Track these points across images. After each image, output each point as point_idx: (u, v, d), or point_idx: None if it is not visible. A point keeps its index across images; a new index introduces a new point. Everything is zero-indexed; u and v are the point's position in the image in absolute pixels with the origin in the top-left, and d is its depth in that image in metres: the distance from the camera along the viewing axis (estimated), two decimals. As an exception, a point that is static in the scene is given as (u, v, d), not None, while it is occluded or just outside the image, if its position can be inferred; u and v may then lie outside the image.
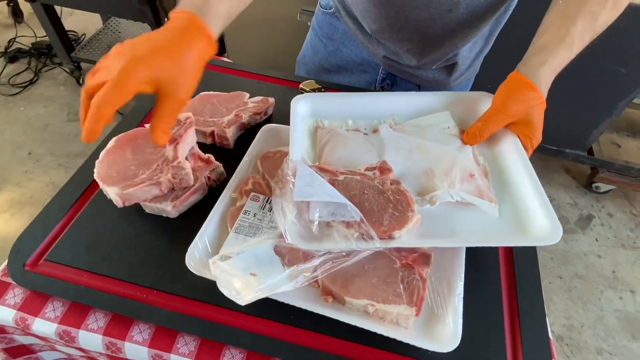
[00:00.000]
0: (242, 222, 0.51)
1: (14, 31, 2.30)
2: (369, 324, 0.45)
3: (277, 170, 0.58)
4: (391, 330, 0.45)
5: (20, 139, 1.86)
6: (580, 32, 0.54)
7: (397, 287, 0.47)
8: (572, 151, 1.69)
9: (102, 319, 0.48)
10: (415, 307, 0.45)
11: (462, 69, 0.80)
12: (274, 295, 0.45)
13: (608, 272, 1.59)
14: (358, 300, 0.46)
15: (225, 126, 0.63)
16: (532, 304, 0.50)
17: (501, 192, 0.53)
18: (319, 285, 0.48)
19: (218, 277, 0.45)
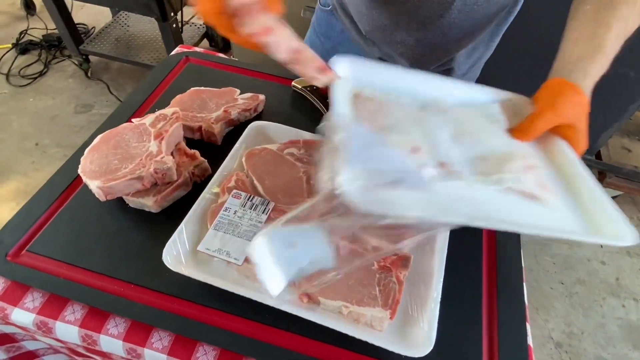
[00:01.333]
0: (222, 219, 0.51)
1: (25, 23, 2.34)
2: (342, 326, 0.44)
3: (262, 167, 0.57)
4: (364, 333, 0.44)
5: (28, 130, 1.89)
6: (614, 39, 0.51)
7: (373, 289, 0.46)
8: (579, 155, 1.65)
9: (79, 311, 0.48)
10: (390, 310, 0.45)
11: (458, 74, 0.79)
12: (248, 293, 0.45)
13: (612, 279, 1.56)
14: (332, 302, 0.45)
15: (213, 122, 0.63)
16: (513, 311, 0.49)
17: (564, 190, 0.47)
18: (295, 284, 0.48)
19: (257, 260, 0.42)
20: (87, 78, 2.13)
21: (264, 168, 0.58)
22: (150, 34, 2.13)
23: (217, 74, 0.77)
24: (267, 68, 0.79)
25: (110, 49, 2.02)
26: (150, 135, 0.57)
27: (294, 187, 0.56)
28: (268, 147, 0.60)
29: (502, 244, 0.55)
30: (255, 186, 0.56)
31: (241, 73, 0.78)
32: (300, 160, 0.59)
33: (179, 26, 1.87)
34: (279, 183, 0.56)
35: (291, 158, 0.59)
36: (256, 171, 0.57)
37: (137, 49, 2.04)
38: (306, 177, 0.57)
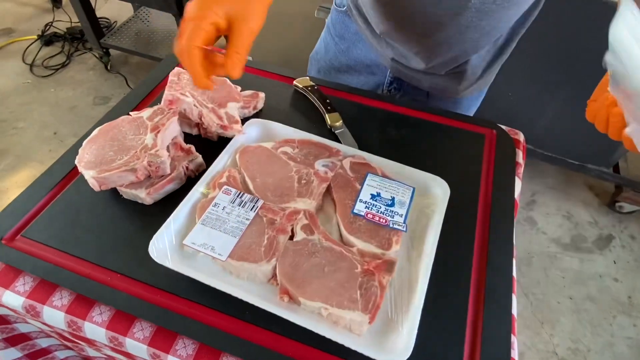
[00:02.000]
0: (210, 215, 0.52)
1: (52, 15, 2.41)
2: (320, 328, 0.44)
3: (255, 165, 0.58)
4: (342, 336, 0.44)
5: (47, 119, 1.95)
6: None
7: (354, 292, 0.46)
8: (595, 167, 1.61)
9: (66, 297, 0.49)
10: (370, 315, 0.44)
11: (472, 78, 0.78)
12: (230, 290, 0.46)
13: (624, 297, 1.51)
14: (312, 302, 0.45)
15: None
16: (499, 323, 0.48)
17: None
18: (277, 283, 0.48)
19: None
20: (107, 71, 2.19)
21: (257, 165, 0.58)
22: (169, 30, 2.16)
23: (221, 71, 0.77)
24: (271, 67, 0.79)
25: (130, 44, 2.07)
26: (147, 128, 0.58)
27: (285, 186, 0.56)
28: (263, 145, 0.60)
29: (493, 253, 0.54)
30: (247, 183, 0.56)
31: (244, 70, 0.78)
32: (293, 159, 0.59)
33: (197, 23, 1.89)
34: (270, 181, 0.56)
35: (284, 157, 0.59)
36: (249, 168, 0.57)
37: (155, 44, 2.08)
38: (297, 176, 0.57)
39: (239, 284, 0.48)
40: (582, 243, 1.65)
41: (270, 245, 0.49)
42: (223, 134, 0.62)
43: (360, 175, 0.58)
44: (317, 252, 0.49)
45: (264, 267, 0.47)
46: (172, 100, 0.61)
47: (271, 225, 0.51)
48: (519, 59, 1.40)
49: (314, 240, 0.50)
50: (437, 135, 0.70)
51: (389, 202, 0.55)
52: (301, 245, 0.49)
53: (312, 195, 0.54)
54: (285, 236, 0.50)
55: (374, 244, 0.51)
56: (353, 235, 0.51)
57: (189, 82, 0.65)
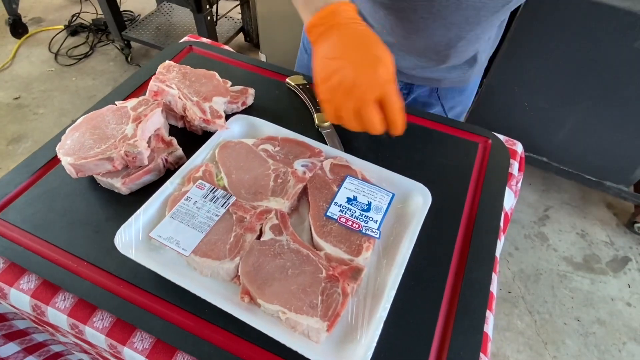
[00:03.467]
0: (180, 208, 0.51)
1: (79, 7, 2.49)
2: (277, 333, 0.42)
3: (233, 161, 0.57)
4: (298, 343, 0.42)
5: (67, 107, 2.01)
6: None
7: (315, 298, 0.44)
8: (613, 184, 1.53)
9: (33, 281, 0.50)
10: (328, 322, 0.43)
11: (481, 60, 0.76)
12: (190, 286, 0.45)
13: (636, 323, 1.43)
14: (271, 305, 0.44)
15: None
16: (468, 343, 0.46)
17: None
18: (240, 283, 0.47)
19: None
20: (127, 63, 2.23)
21: (235, 162, 0.57)
22: (189, 25, 2.19)
23: (215, 65, 0.77)
24: (267, 64, 0.78)
25: (150, 37, 2.11)
26: (129, 118, 0.58)
27: (260, 184, 0.55)
28: (244, 141, 0.59)
29: (471, 267, 0.51)
30: (222, 178, 0.55)
31: (238, 66, 0.78)
32: (272, 157, 0.58)
33: (214, 19, 1.91)
34: (245, 178, 0.55)
35: (264, 154, 0.58)
36: (225, 164, 0.56)
37: (175, 38, 2.12)
38: (274, 175, 0.55)
39: (202, 282, 0.47)
40: (595, 263, 1.57)
41: (236, 244, 0.48)
42: (206, 128, 0.62)
43: (340, 178, 0.56)
44: (283, 253, 0.48)
45: (226, 265, 0.46)
46: (157, 91, 0.61)
47: (240, 223, 0.50)
48: (538, 69, 1.35)
49: (282, 241, 0.49)
50: (429, 141, 0.67)
51: (365, 207, 0.53)
52: (267, 246, 0.48)
53: (287, 195, 0.53)
54: (252, 235, 0.49)
55: (343, 249, 0.49)
56: (323, 238, 0.50)
57: (177, 75, 0.65)
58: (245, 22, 2.24)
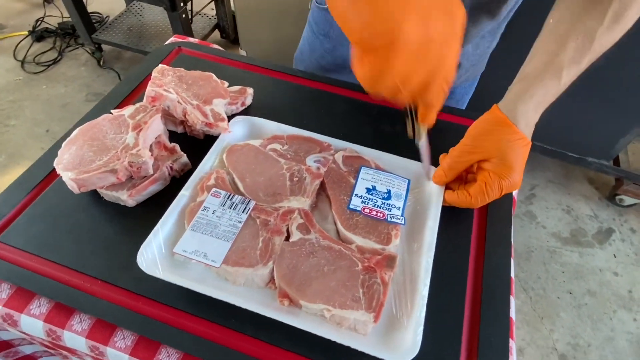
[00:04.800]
0: (200, 220, 0.49)
1: (42, 11, 2.37)
2: (324, 331, 0.42)
3: (243, 164, 0.55)
4: (348, 338, 0.42)
5: (39, 117, 1.92)
6: (571, 57, 0.47)
7: (357, 291, 0.44)
8: (595, 160, 1.58)
9: (45, 305, 0.47)
10: (374, 313, 0.42)
11: (466, 66, 0.75)
12: (227, 297, 0.43)
13: (624, 291, 1.49)
14: (314, 305, 0.43)
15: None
16: (496, 325, 0.46)
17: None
18: (276, 287, 0.46)
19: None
20: (99, 67, 2.15)
21: (246, 165, 0.55)
22: (162, 24, 2.13)
23: (209, 65, 0.74)
24: (260, 62, 0.76)
25: (122, 38, 2.03)
26: (129, 127, 0.55)
27: (276, 185, 0.53)
28: (250, 143, 0.58)
29: (491, 252, 0.52)
30: (236, 184, 0.54)
31: (232, 65, 0.76)
32: (283, 156, 0.57)
33: (189, 16, 1.86)
34: (260, 181, 0.54)
35: (274, 154, 0.57)
36: (237, 168, 0.55)
37: (148, 38, 2.05)
38: (289, 174, 0.54)
39: (236, 291, 0.46)
40: (582, 237, 1.63)
41: (265, 248, 0.47)
42: (209, 132, 0.60)
43: (354, 169, 0.56)
44: (315, 251, 0.47)
45: (260, 272, 0.45)
46: (155, 96, 0.58)
47: (265, 226, 0.49)
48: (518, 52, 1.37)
49: (311, 240, 0.48)
50: (433, 130, 0.67)
51: (385, 195, 0.53)
52: (298, 246, 0.47)
53: (306, 193, 0.52)
54: (280, 237, 0.48)
55: (373, 240, 0.49)
56: (351, 231, 0.49)
57: (173, 79, 0.62)
58: (221, 18, 2.18)
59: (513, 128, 0.48)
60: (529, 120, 0.49)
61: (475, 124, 0.52)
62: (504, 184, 0.49)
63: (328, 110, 0.68)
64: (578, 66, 0.47)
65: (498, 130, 0.49)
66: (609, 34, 0.46)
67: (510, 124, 0.48)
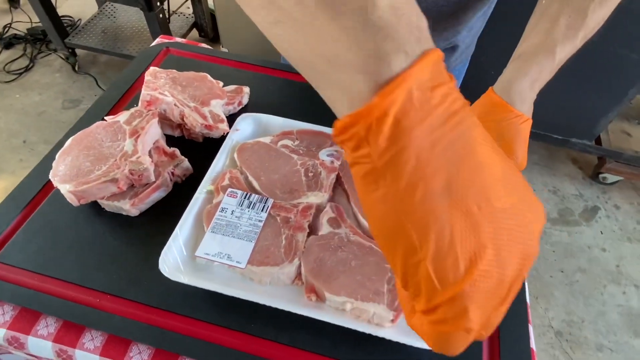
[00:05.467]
0: (219, 221, 0.48)
1: (9, 16, 2.27)
2: (349, 322, 0.42)
3: (256, 162, 0.54)
4: (374, 328, 0.42)
5: (15, 127, 1.85)
6: (564, 33, 0.46)
7: (381, 286, 0.44)
8: (578, 140, 1.62)
9: (52, 325, 0.45)
10: (395, 313, 0.42)
11: (462, 48, 0.75)
12: (254, 297, 0.43)
13: (612, 266, 1.54)
14: (337, 297, 0.43)
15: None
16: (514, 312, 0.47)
17: None
18: (302, 282, 0.46)
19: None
20: (75, 72, 2.08)
21: (259, 163, 0.55)
22: (137, 25, 2.07)
23: (200, 65, 0.72)
24: (252, 59, 0.75)
25: (97, 42, 1.97)
26: (125, 134, 0.53)
27: (292, 181, 0.53)
28: (261, 140, 0.57)
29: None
30: (251, 182, 0.53)
31: (224, 64, 0.74)
32: (295, 152, 0.56)
33: (166, 16, 1.81)
34: (275, 178, 0.53)
35: (286, 150, 0.56)
36: (250, 167, 0.54)
37: (124, 40, 1.99)
38: (304, 169, 0.54)
39: (262, 290, 0.45)
40: (569, 216, 1.67)
41: (289, 245, 0.46)
42: (208, 134, 0.58)
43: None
44: (344, 246, 0.47)
45: (287, 269, 0.45)
46: (151, 100, 0.56)
47: (286, 223, 0.48)
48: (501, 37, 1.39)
49: (341, 234, 0.48)
50: None
51: None
52: (326, 240, 0.47)
53: (323, 188, 0.52)
54: (303, 233, 0.48)
55: None
56: None
57: (167, 81, 0.60)
58: (198, 16, 2.14)
59: (507, 107, 0.47)
60: (525, 98, 0.48)
61: (471, 108, 0.52)
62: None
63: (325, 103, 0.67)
64: (572, 42, 0.47)
65: (493, 111, 0.48)
66: (601, 9, 0.46)
67: (504, 103, 0.48)
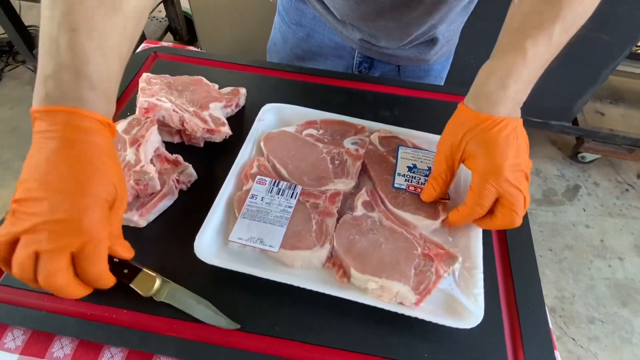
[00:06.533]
0: (250, 207, 0.49)
1: (-30, 29, 2.16)
2: (375, 302, 0.43)
3: (282, 151, 0.55)
4: (404, 308, 0.43)
5: (-14, 145, 1.77)
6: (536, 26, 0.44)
7: (408, 270, 0.45)
8: (557, 122, 1.67)
9: (68, 345, 0.43)
10: (418, 296, 0.43)
11: (442, 42, 0.76)
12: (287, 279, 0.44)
13: (596, 241, 1.60)
14: (362, 275, 0.44)
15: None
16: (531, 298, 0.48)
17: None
18: (333, 265, 0.47)
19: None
20: (46, 84, 2.00)
21: (285, 151, 0.55)
22: (109, 32, 2.00)
23: (190, 69, 0.71)
24: (243, 59, 0.74)
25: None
26: (125, 143, 0.52)
27: (319, 169, 0.54)
28: (286, 130, 0.58)
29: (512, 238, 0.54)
30: (279, 170, 0.54)
31: (215, 66, 0.72)
32: (320, 141, 0.57)
33: (140, 21, 1.76)
34: (302, 165, 0.54)
35: (311, 139, 0.57)
36: (277, 155, 0.55)
37: (96, 48, 1.92)
38: (329, 157, 0.55)
39: (296, 273, 0.46)
40: (553, 196, 1.73)
41: (320, 230, 0.47)
42: (210, 138, 0.57)
43: (392, 149, 0.57)
44: (376, 229, 0.48)
45: (319, 253, 0.46)
46: (149, 107, 0.55)
47: (315, 209, 0.49)
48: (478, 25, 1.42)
49: (374, 218, 0.49)
50: (413, 107, 0.68)
51: (427, 173, 0.54)
52: (360, 221, 0.49)
53: (349, 175, 0.53)
54: (332, 219, 0.48)
55: (422, 215, 0.50)
56: (399, 209, 0.50)
57: (162, 87, 0.59)
58: (172, 19, 2.09)
59: (476, 115, 0.43)
60: (495, 99, 0.43)
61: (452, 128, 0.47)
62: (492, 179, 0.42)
63: (323, 100, 0.67)
64: (546, 34, 0.43)
65: (467, 124, 0.44)
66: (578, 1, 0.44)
67: (472, 112, 0.44)
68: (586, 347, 1.34)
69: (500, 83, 0.44)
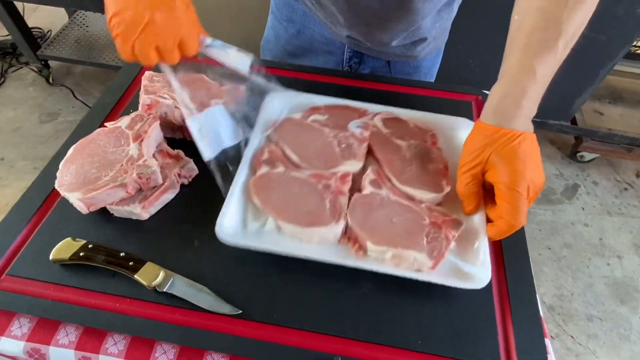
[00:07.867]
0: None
1: (-26, 31, 2.19)
2: (395, 270, 0.46)
3: (291, 137, 0.58)
4: (416, 273, 0.46)
5: (-10, 145, 1.79)
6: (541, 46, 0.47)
7: (421, 239, 0.48)
8: (555, 122, 1.68)
9: (73, 332, 0.45)
10: (434, 261, 0.46)
11: (429, 39, 0.77)
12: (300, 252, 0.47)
13: (595, 239, 1.61)
14: (379, 247, 0.46)
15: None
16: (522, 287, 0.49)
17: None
18: (348, 239, 0.49)
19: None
20: (49, 85, 2.02)
21: (293, 137, 0.58)
22: (111, 33, 2.02)
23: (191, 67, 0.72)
24: (243, 58, 0.75)
25: (71, 52, 1.92)
26: (129, 138, 0.53)
27: (328, 152, 0.57)
28: (292, 117, 0.60)
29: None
30: (289, 156, 0.56)
31: (212, 63, 0.73)
32: (326, 126, 0.60)
33: (142, 22, 1.78)
34: (311, 150, 0.57)
35: (317, 125, 0.60)
36: (286, 141, 0.57)
37: (99, 49, 1.95)
38: (336, 141, 0.58)
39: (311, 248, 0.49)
40: (552, 195, 1.74)
41: (334, 208, 0.50)
42: None
43: (395, 130, 0.59)
44: (385, 205, 0.51)
45: (334, 229, 0.48)
46: (151, 104, 0.56)
47: (327, 189, 0.52)
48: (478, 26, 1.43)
49: (382, 194, 0.52)
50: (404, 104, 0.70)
51: None
52: (370, 199, 0.51)
53: (357, 157, 0.56)
54: (344, 197, 0.51)
55: (427, 189, 0.53)
56: (407, 185, 0.53)
57: (164, 84, 0.60)
58: (173, 21, 2.11)
59: (494, 129, 0.47)
60: (512, 116, 0.47)
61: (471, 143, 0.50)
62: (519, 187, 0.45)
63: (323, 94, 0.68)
64: (552, 53, 0.47)
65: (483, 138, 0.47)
66: (576, 13, 0.46)
67: (488, 126, 0.47)
68: (585, 345, 1.35)
69: (515, 102, 0.47)
